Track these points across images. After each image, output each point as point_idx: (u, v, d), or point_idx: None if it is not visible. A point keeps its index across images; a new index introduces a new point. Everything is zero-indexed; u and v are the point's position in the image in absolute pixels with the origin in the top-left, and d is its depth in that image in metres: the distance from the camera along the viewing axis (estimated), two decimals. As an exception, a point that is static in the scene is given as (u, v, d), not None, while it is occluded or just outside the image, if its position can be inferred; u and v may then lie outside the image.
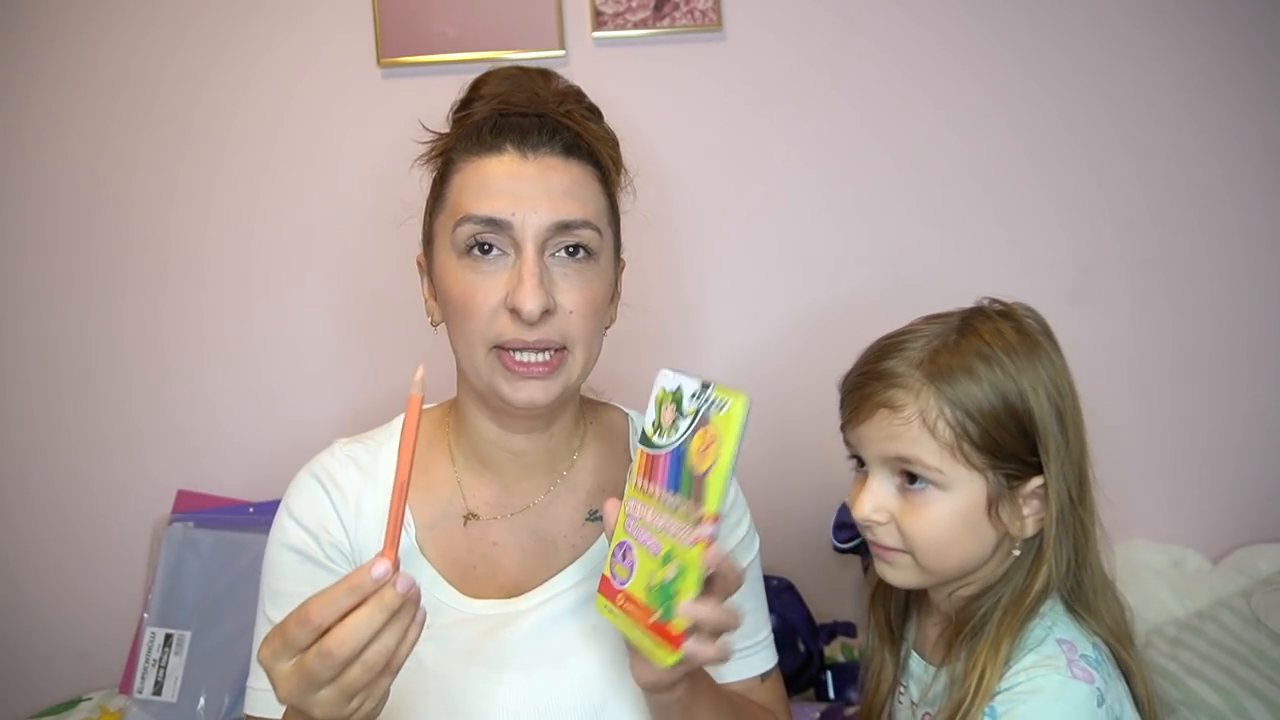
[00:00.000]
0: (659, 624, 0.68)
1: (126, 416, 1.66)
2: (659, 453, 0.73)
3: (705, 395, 0.70)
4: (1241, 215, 1.66)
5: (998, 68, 1.65)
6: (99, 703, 1.56)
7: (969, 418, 0.81)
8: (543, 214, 0.82)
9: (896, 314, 1.71)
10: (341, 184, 1.64)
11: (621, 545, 0.74)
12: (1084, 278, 1.66)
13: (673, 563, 0.68)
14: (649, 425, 0.74)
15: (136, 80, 1.63)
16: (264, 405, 1.66)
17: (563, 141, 0.85)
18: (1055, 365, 0.87)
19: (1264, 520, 1.65)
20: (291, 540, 0.89)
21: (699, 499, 0.68)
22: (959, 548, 0.84)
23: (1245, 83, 1.64)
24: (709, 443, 0.68)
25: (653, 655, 0.69)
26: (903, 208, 1.66)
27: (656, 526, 0.71)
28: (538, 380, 0.83)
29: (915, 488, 0.83)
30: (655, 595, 0.69)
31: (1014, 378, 0.83)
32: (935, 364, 0.83)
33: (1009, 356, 0.84)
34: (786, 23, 1.64)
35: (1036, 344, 0.87)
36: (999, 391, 0.82)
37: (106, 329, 1.65)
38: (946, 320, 0.88)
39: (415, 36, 1.60)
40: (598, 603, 0.76)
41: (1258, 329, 1.67)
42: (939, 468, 0.82)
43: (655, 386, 0.75)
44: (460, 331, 0.85)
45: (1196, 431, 1.68)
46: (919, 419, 0.82)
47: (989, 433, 0.82)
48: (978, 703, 0.79)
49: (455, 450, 0.95)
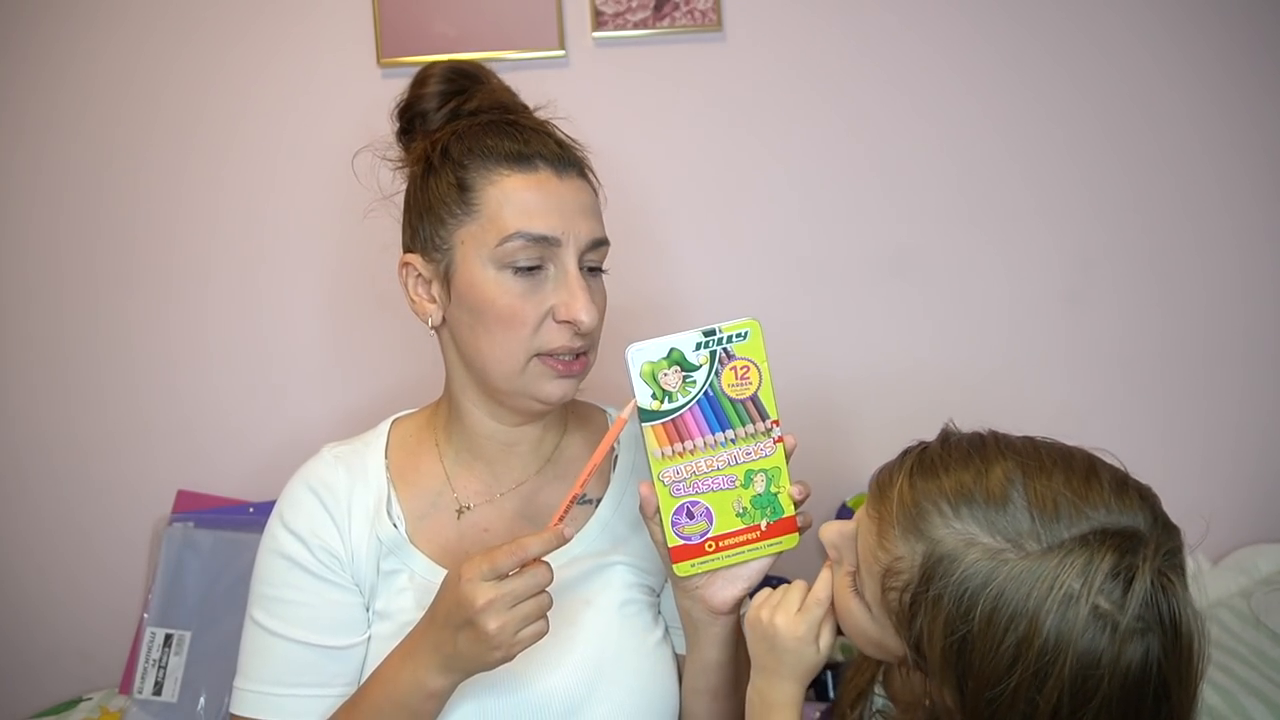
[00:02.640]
0: (772, 525, 0.84)
1: (126, 416, 1.65)
2: (679, 414, 0.81)
3: (716, 337, 0.80)
4: (1240, 216, 1.66)
5: (996, 68, 1.65)
6: (99, 703, 1.56)
7: (906, 583, 0.70)
8: (583, 233, 0.88)
9: (896, 313, 1.72)
10: (341, 184, 1.63)
11: (681, 509, 0.83)
12: (1082, 278, 1.66)
13: (758, 476, 0.83)
14: (647, 400, 0.80)
15: (139, 81, 1.63)
16: (265, 405, 1.66)
17: (577, 161, 0.93)
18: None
19: (1264, 520, 1.65)
20: (284, 548, 0.92)
21: (760, 415, 0.82)
22: (866, 640, 0.78)
23: (1242, 83, 1.64)
24: (744, 370, 0.81)
25: (779, 549, 0.85)
26: (903, 207, 1.67)
27: (717, 467, 0.82)
28: (570, 379, 0.90)
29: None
30: (753, 512, 0.83)
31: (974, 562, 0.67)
32: (919, 514, 0.70)
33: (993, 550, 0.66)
34: (786, 23, 1.64)
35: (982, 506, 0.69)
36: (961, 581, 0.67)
37: (106, 329, 1.65)
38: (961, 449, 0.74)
39: (415, 37, 1.60)
40: (680, 570, 0.84)
41: (1257, 328, 1.67)
42: (869, 571, 0.73)
43: (633, 364, 0.80)
44: (498, 340, 0.88)
45: (1196, 431, 1.68)
46: (878, 543, 0.72)
47: (918, 615, 0.70)
48: None
49: (444, 447, 0.98)
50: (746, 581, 0.86)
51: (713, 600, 0.86)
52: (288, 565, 0.92)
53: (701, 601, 0.87)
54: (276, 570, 0.92)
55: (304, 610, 0.91)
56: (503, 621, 0.76)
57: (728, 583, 0.86)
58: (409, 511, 0.95)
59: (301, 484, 0.95)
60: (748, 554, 0.85)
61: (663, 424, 0.81)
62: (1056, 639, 0.62)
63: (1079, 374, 1.68)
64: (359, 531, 0.92)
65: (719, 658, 0.90)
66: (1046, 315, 1.68)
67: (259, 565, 0.94)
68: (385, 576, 0.92)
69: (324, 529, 0.92)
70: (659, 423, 0.81)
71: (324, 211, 1.64)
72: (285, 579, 0.92)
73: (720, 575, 0.86)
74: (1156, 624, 0.63)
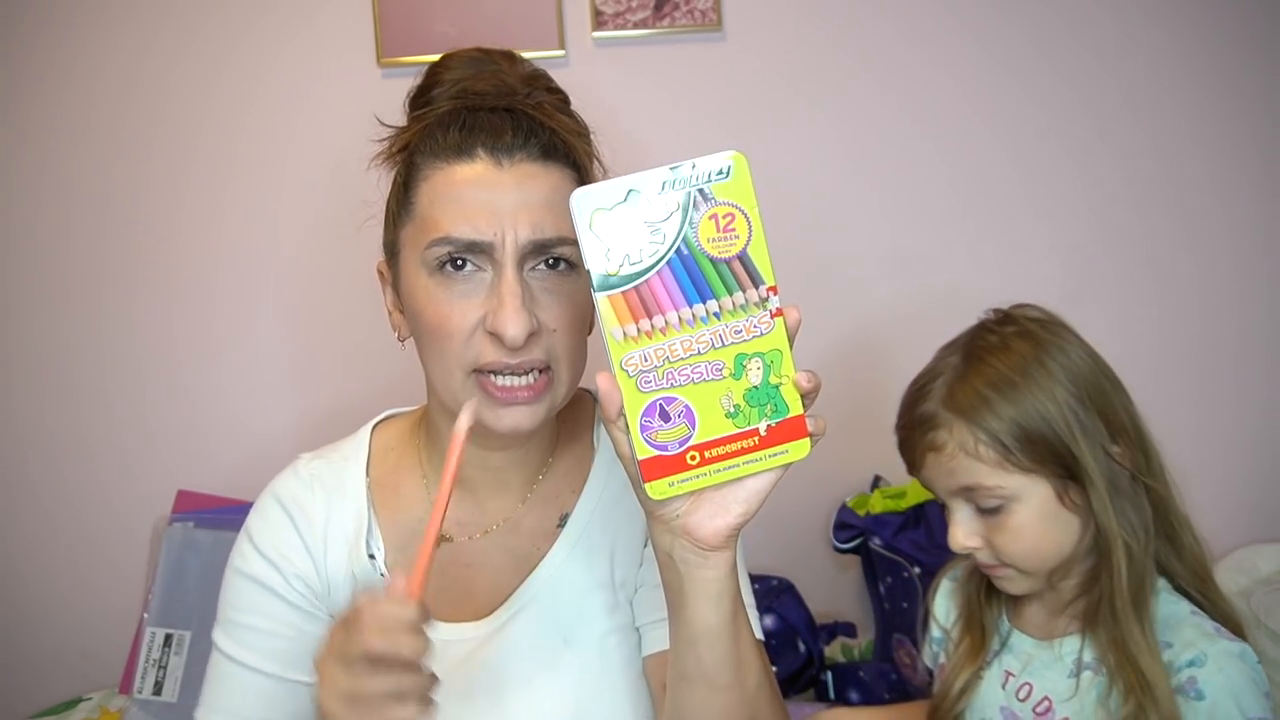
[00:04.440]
0: (774, 428, 0.64)
1: (127, 416, 1.66)
2: (644, 279, 0.62)
3: (688, 176, 0.61)
4: (1240, 216, 1.66)
5: (996, 68, 1.65)
6: (99, 703, 1.56)
7: (1000, 439, 0.86)
8: (523, 231, 0.75)
9: (894, 313, 1.72)
10: (342, 184, 1.63)
11: (653, 408, 0.62)
12: (1081, 278, 1.66)
13: (752, 362, 0.63)
14: (599, 259, 0.61)
15: (143, 82, 1.63)
16: (266, 405, 1.66)
17: (539, 144, 0.78)
18: (1068, 355, 0.90)
19: (1264, 520, 1.65)
20: (252, 570, 0.85)
21: (750, 280, 0.63)
22: (1048, 545, 0.89)
23: (1237, 81, 1.64)
24: (727, 219, 0.62)
25: (784, 460, 0.64)
26: (902, 207, 1.67)
27: (698, 351, 0.62)
28: (523, 406, 0.76)
29: (988, 508, 0.88)
30: (748, 410, 0.63)
31: (1024, 398, 0.87)
32: (954, 400, 0.89)
33: (1018, 375, 0.88)
34: (786, 23, 1.63)
35: (1042, 344, 0.90)
36: (1013, 419, 0.87)
37: (106, 329, 1.65)
38: (956, 346, 0.94)
39: (415, 36, 1.60)
40: (654, 490, 0.63)
41: (1257, 328, 1.67)
42: (999, 484, 0.87)
43: (579, 213, 0.61)
44: (435, 354, 0.78)
45: (1196, 431, 1.68)
46: (961, 451, 0.87)
47: (1024, 447, 0.86)
48: (1154, 692, 0.82)
49: (426, 465, 0.89)
50: (743, 506, 0.65)
51: (699, 531, 0.65)
52: (256, 590, 0.84)
53: (684, 534, 0.66)
54: (243, 593, 0.84)
55: (271, 640, 0.83)
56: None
57: (719, 509, 0.65)
58: (389, 540, 0.86)
59: (273, 501, 0.87)
60: (744, 467, 0.64)
61: (622, 293, 0.61)
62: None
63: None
64: (336, 561, 0.84)
65: (713, 620, 0.68)
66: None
67: (226, 585, 0.86)
68: None
69: (297, 555, 0.84)
70: (617, 291, 0.61)
71: (325, 211, 1.64)
72: (252, 603, 0.84)
73: (707, 498, 0.65)
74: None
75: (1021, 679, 0.93)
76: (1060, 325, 0.93)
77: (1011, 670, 0.94)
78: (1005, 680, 0.94)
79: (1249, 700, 0.82)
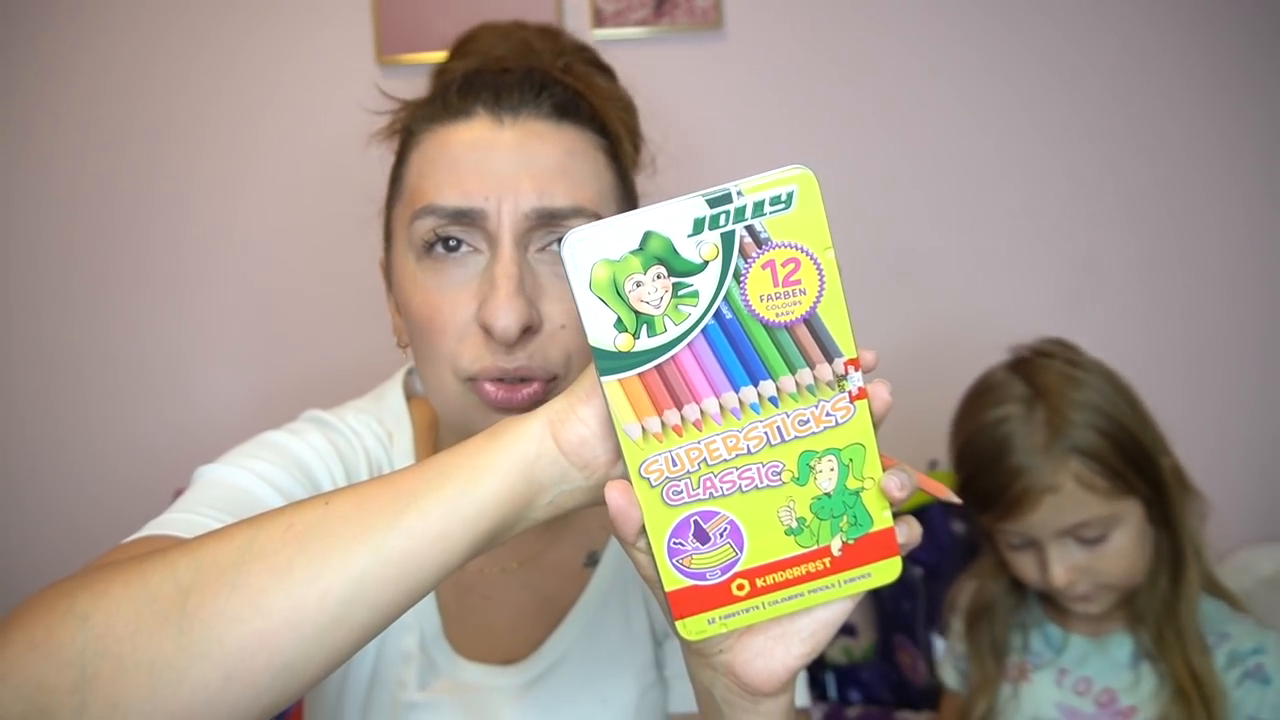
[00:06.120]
0: (852, 546, 0.47)
1: (126, 416, 1.65)
2: (669, 356, 0.44)
3: (731, 209, 0.44)
4: (1243, 216, 1.66)
5: (994, 69, 1.65)
6: (98, 702, 1.55)
7: (1101, 457, 0.89)
8: (525, 197, 0.60)
9: (894, 312, 1.72)
10: (342, 181, 1.63)
11: (684, 527, 0.46)
12: (1081, 278, 1.66)
13: (823, 461, 0.46)
14: (606, 333, 0.44)
15: (144, 82, 1.63)
16: (266, 405, 1.66)
17: (552, 100, 0.64)
18: (1110, 378, 0.95)
19: (1264, 520, 1.65)
20: (278, 440, 0.69)
21: (821, 351, 0.45)
22: (1143, 561, 0.93)
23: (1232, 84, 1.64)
24: (788, 268, 0.44)
25: (866, 585, 0.48)
26: (902, 206, 1.66)
27: (747, 450, 0.46)
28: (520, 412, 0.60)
29: (1091, 538, 0.90)
30: (816, 526, 0.47)
31: (1113, 423, 0.91)
32: (1055, 437, 0.90)
33: (1101, 401, 0.92)
34: (786, 22, 1.63)
35: (1091, 369, 0.95)
36: (1115, 444, 0.90)
37: (107, 330, 1.65)
38: (1011, 392, 0.95)
39: (415, 35, 1.60)
40: (688, 630, 0.48)
41: (1257, 327, 1.67)
42: (1111, 512, 0.89)
43: (575, 269, 0.44)
44: (425, 357, 0.64)
45: (1196, 431, 1.66)
46: (1077, 485, 0.89)
47: (1128, 469, 0.90)
48: (1203, 689, 0.87)
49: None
50: (809, 644, 0.48)
51: (748, 672, 0.49)
52: (276, 449, 0.68)
53: (729, 674, 0.49)
54: (264, 447, 0.69)
55: (282, 474, 0.67)
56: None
57: (775, 644, 0.49)
58: None
59: (318, 422, 0.73)
60: (810, 597, 0.48)
61: (639, 375, 0.45)
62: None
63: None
64: None
65: None
66: (1050, 315, 1.67)
67: (250, 443, 0.71)
68: None
69: (335, 466, 0.69)
70: (632, 373, 0.45)
71: (325, 210, 1.64)
72: (270, 448, 0.68)
73: (762, 630, 0.49)
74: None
75: (1077, 674, 0.97)
76: (1075, 348, 0.98)
77: (1066, 668, 0.98)
78: (1060, 679, 0.98)
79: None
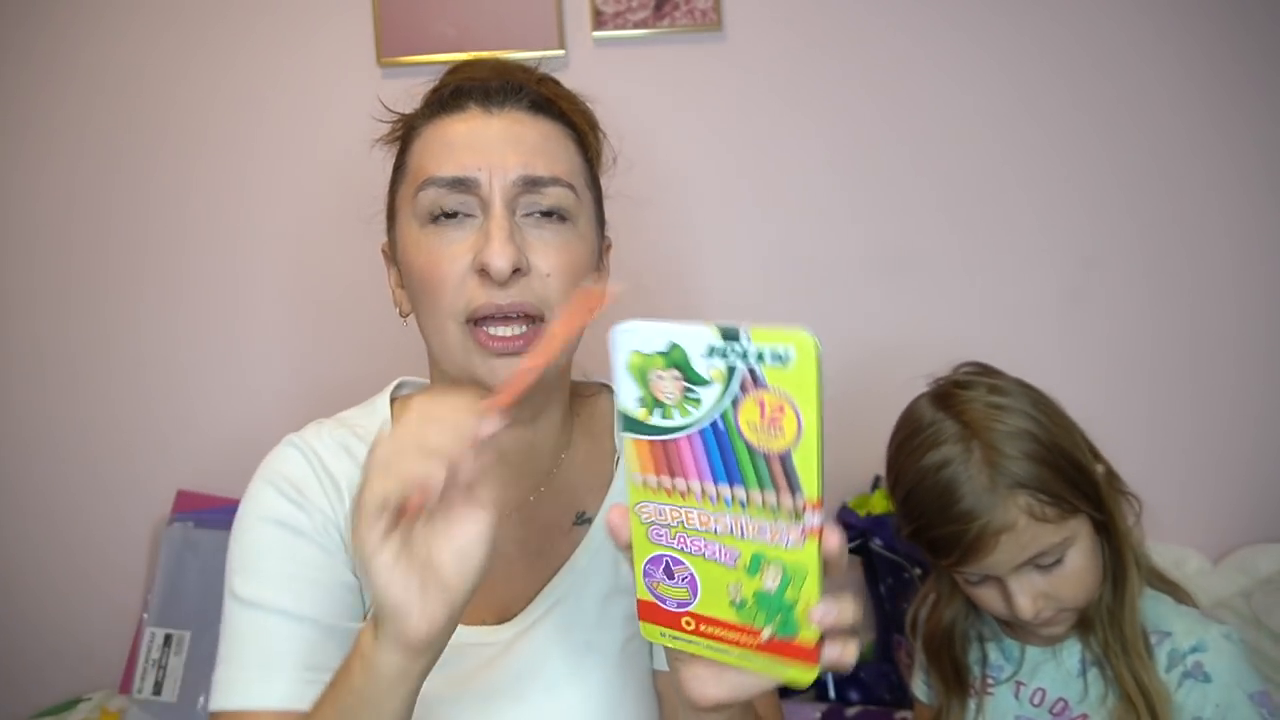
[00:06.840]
0: (779, 641, 0.55)
1: (126, 416, 1.65)
2: (673, 437, 0.54)
3: (738, 348, 0.51)
4: (1245, 215, 1.66)
5: (995, 69, 1.65)
6: (99, 703, 1.55)
7: (1044, 486, 0.87)
8: (511, 168, 0.75)
9: (893, 312, 1.71)
10: (342, 182, 1.64)
11: (657, 561, 0.58)
12: (1082, 277, 1.66)
13: (770, 568, 0.54)
14: (632, 403, 0.55)
15: (144, 83, 1.63)
16: (266, 406, 1.66)
17: (530, 98, 0.79)
18: (1031, 394, 0.94)
19: (1264, 520, 1.65)
20: (273, 511, 0.77)
21: (787, 485, 0.52)
22: (1095, 576, 0.92)
23: (1234, 83, 1.64)
24: (775, 410, 0.51)
25: (782, 675, 0.56)
26: (901, 206, 1.66)
27: (714, 529, 0.55)
28: (517, 357, 0.73)
29: (1048, 564, 0.89)
30: (755, 610, 0.55)
31: (1047, 447, 0.90)
32: (998, 475, 0.88)
33: (1031, 427, 0.90)
34: (786, 23, 1.63)
35: (1014, 393, 0.93)
36: (1054, 470, 0.89)
37: (108, 329, 1.65)
38: (945, 432, 0.92)
39: (415, 36, 1.60)
40: (647, 631, 0.60)
41: (1257, 328, 1.67)
42: (1064, 537, 0.89)
43: (617, 350, 0.55)
44: (429, 310, 0.76)
45: (1197, 431, 1.68)
46: (1029, 519, 0.87)
47: (1071, 491, 0.89)
48: (1151, 695, 0.87)
49: None
50: (731, 692, 0.59)
51: (687, 688, 0.60)
52: (279, 531, 0.76)
53: (678, 682, 0.61)
54: (264, 537, 0.76)
55: (299, 581, 0.75)
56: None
57: (711, 675, 0.59)
58: None
59: (293, 450, 0.81)
60: (737, 659, 0.57)
61: (649, 442, 0.55)
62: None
63: (1078, 373, 1.67)
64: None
65: None
66: (1051, 313, 1.68)
67: (241, 538, 0.77)
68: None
69: (319, 498, 0.78)
70: (644, 439, 0.55)
71: (325, 210, 1.64)
72: (276, 544, 0.76)
73: (703, 662, 0.59)
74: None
75: (1033, 686, 0.97)
76: (994, 370, 0.96)
77: (1023, 680, 0.98)
78: (1018, 690, 0.98)
79: (1248, 678, 0.88)
